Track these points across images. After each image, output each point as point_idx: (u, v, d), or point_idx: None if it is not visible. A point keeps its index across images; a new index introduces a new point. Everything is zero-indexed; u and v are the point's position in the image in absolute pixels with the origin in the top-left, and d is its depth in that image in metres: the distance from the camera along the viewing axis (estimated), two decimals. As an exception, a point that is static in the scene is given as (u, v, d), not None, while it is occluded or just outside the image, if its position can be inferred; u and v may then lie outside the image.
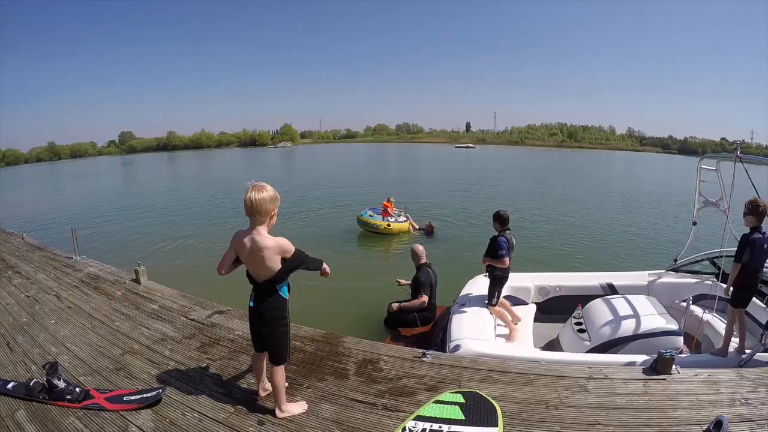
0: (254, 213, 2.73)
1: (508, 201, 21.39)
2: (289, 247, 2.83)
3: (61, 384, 3.26)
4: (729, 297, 4.46)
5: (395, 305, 6.25)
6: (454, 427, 2.92)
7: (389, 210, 14.36)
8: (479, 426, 2.93)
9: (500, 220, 5.40)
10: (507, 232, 5.38)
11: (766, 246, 4.25)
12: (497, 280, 5.44)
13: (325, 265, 3.13)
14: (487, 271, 5.55)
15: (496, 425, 2.94)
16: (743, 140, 5.55)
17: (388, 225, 14.00)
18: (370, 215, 14.31)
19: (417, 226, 14.62)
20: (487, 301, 5.50)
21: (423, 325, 6.07)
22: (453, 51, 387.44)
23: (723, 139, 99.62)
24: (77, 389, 3.30)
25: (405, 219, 14.55)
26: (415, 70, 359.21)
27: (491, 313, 5.51)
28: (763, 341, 4.17)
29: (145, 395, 3.25)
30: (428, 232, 14.26)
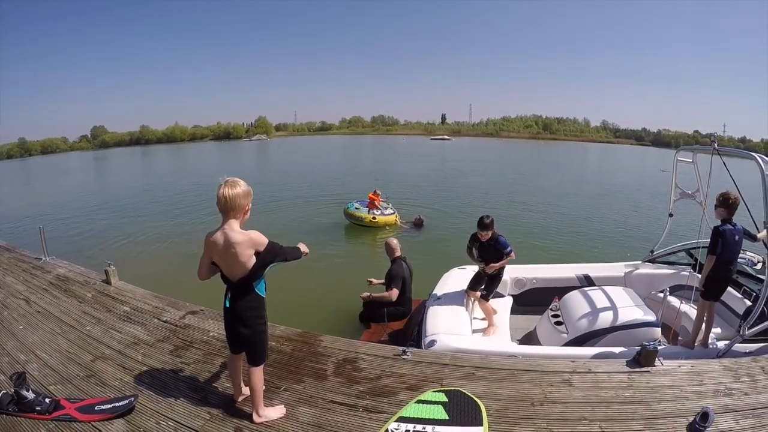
0: (228, 209, 2.65)
1: (484, 193, 21.61)
2: (262, 240, 2.72)
3: (30, 395, 3.10)
4: (702, 289, 4.51)
5: (365, 294, 6.20)
6: (438, 428, 2.87)
7: (376, 203, 14.32)
8: (464, 425, 2.89)
9: (489, 228, 5.22)
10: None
11: (737, 237, 4.30)
12: (498, 277, 5.44)
13: (303, 249, 3.05)
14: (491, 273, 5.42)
15: (480, 424, 2.90)
16: (716, 133, 5.60)
17: (374, 218, 13.96)
18: (357, 208, 14.31)
19: (402, 220, 14.64)
20: (483, 294, 5.43)
21: (398, 319, 5.98)
22: (428, 43, 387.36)
23: (696, 131, 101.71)
24: (47, 400, 3.14)
25: (392, 212, 14.52)
26: (389, 62, 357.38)
27: (479, 306, 5.49)
28: (741, 332, 4.23)
29: (117, 404, 3.12)
30: (417, 224, 14.30)
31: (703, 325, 4.52)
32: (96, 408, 3.10)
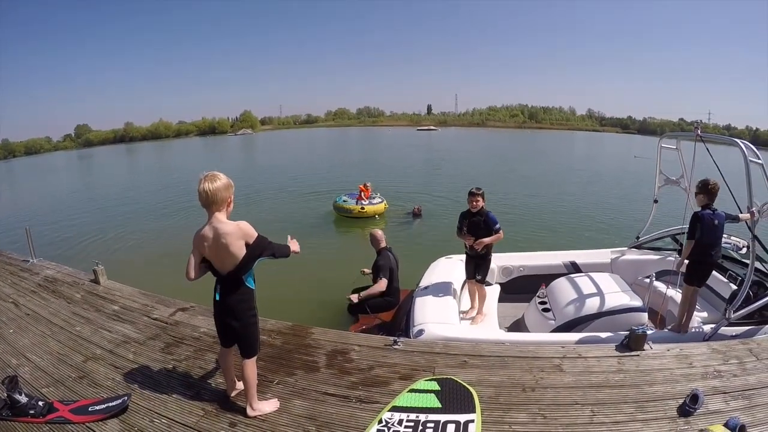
0: (210, 203, 2.66)
1: (472, 182, 21.52)
2: (251, 231, 2.74)
3: (23, 399, 3.07)
4: (684, 274, 4.57)
5: (354, 297, 5.92)
6: (431, 416, 2.90)
7: (365, 194, 14.41)
8: (457, 413, 2.92)
9: (479, 196, 5.18)
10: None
11: (717, 222, 4.33)
12: (487, 257, 5.36)
13: (294, 247, 3.03)
14: (479, 252, 5.32)
15: (473, 411, 2.93)
16: (701, 120, 5.63)
17: (362, 208, 14.06)
18: (345, 200, 14.44)
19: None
20: (479, 279, 5.37)
21: (386, 310, 5.96)
22: (412, 34, 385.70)
23: (681, 119, 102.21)
24: (40, 403, 3.11)
25: (380, 200, 14.60)
26: (374, 54, 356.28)
27: (478, 292, 5.48)
28: (727, 315, 4.30)
29: (110, 404, 3.10)
30: (416, 215, 14.44)
31: (678, 310, 4.60)
32: (90, 409, 3.08)
